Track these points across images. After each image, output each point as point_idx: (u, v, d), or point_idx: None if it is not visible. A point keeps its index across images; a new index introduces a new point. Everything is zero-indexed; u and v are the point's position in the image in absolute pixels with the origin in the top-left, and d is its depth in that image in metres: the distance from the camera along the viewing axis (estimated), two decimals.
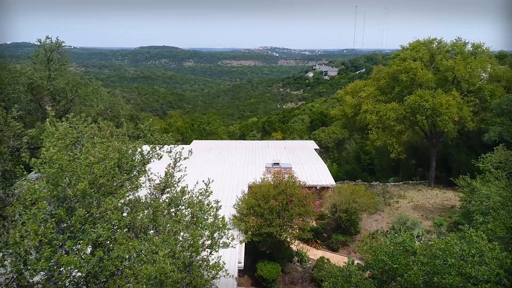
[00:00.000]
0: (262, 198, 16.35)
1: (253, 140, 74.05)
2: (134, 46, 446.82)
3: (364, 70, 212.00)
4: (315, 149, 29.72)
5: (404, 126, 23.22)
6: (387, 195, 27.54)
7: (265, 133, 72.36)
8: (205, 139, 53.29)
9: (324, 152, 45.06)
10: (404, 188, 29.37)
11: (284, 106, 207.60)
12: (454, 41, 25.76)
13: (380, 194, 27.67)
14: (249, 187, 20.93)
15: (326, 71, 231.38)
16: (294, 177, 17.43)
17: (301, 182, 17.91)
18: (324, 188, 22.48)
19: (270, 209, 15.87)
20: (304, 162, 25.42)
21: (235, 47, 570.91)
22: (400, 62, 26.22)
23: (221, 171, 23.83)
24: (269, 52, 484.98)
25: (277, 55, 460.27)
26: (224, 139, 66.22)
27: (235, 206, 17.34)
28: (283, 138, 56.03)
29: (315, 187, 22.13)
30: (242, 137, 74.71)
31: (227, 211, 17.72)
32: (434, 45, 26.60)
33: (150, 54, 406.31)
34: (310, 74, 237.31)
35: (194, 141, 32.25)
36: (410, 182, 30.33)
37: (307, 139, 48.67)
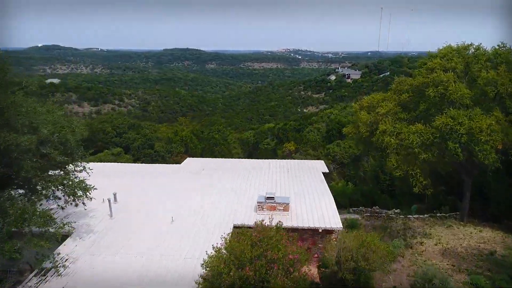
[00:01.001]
0: (236, 261, 12.05)
1: (266, 147, 70.02)
2: (159, 49, 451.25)
3: (388, 73, 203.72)
4: (324, 173, 25.16)
5: (431, 154, 18.29)
6: (409, 232, 22.60)
7: (279, 142, 67.99)
8: (213, 149, 49.52)
9: (338, 168, 40.24)
10: (430, 222, 24.29)
11: (305, 110, 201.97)
12: (497, 47, 20.65)
13: (400, 231, 22.77)
14: (232, 232, 16.66)
15: (349, 74, 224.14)
16: (281, 232, 12.94)
17: (297, 226, 13.37)
18: (328, 232, 17.90)
19: (243, 280, 11.55)
20: (307, 193, 20.96)
21: (257, 49, 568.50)
22: (427, 72, 21.33)
23: (203, 204, 19.61)
24: (292, 54, 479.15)
25: (300, 57, 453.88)
26: (235, 149, 62.37)
27: (203, 265, 13.04)
28: (296, 150, 51.50)
29: (317, 230, 17.63)
30: (256, 144, 70.57)
31: (196, 269, 13.52)
32: (470, 52, 21.55)
33: (173, 56, 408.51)
34: (332, 77, 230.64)
35: (187, 159, 28.37)
36: (438, 214, 25.19)
37: (320, 153, 43.95)
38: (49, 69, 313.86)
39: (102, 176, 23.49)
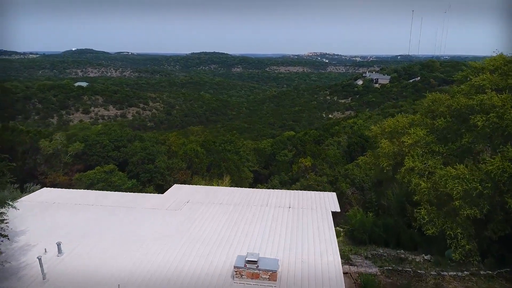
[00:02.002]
0: None
1: (283, 158, 64.85)
2: (186, 52, 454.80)
3: (418, 78, 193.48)
4: (334, 212, 20.03)
5: (479, 210, 12.84)
6: None
7: (297, 153, 62.76)
8: (220, 164, 44.99)
9: (357, 193, 34.70)
10: (472, 284, 18.59)
11: (330, 115, 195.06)
12: None
13: None
14: None
15: (377, 79, 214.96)
16: None
17: None
18: None
19: None
20: (308, 247, 15.96)
21: (284, 53, 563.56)
22: (471, 90, 15.87)
23: (167, 260, 14.82)
24: (319, 58, 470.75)
25: (327, 61, 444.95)
26: (248, 162, 57.62)
27: None
28: (312, 165, 46.22)
29: None
30: (272, 155, 65.63)
31: None
32: None
33: (200, 60, 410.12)
34: (360, 82, 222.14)
35: (174, 187, 23.96)
36: (482, 272, 19.42)
37: (338, 173, 38.49)
38: (81, 72, 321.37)
39: (55, 211, 19.34)
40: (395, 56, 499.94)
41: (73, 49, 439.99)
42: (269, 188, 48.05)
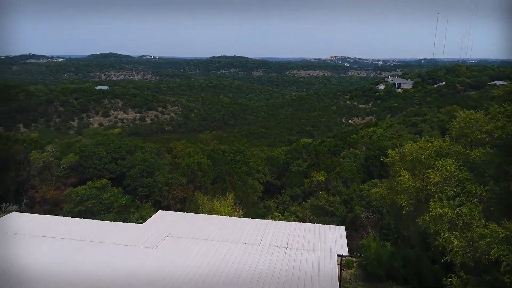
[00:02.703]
0: None
1: (297, 169, 61.03)
2: (207, 56, 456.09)
3: (443, 83, 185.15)
4: (340, 256, 16.43)
5: None
6: None
7: (312, 164, 58.97)
8: (225, 178, 41.75)
9: (374, 217, 30.70)
10: None
11: (350, 121, 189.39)
12: None
13: None
14: None
15: (399, 84, 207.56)
16: None
17: None
18: None
19: None
20: None
21: (305, 56, 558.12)
22: None
23: None
24: (340, 62, 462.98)
25: (348, 65, 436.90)
26: (259, 174, 54.17)
27: None
28: (326, 181, 42.38)
29: None
30: (286, 165, 61.98)
31: None
32: None
33: (220, 64, 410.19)
34: (381, 87, 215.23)
35: (158, 214, 20.87)
36: None
37: (354, 191, 34.56)
38: (104, 75, 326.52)
39: (10, 244, 16.52)
40: (419, 60, 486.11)
41: (98, 53, 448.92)
42: (279, 204, 44.59)
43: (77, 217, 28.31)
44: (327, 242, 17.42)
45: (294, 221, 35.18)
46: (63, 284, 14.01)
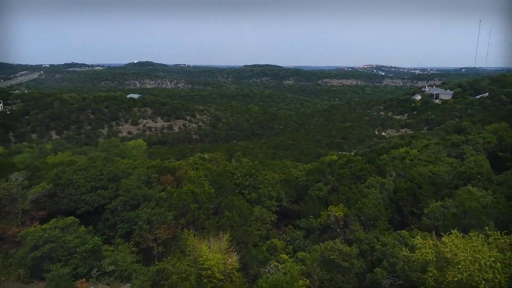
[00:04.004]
0: None
1: (317, 194, 53.65)
2: (239, 65, 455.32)
3: (487, 94, 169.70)
4: None
5: None
6: None
7: (333, 189, 51.53)
8: (222, 212, 35.53)
9: (398, 284, 23.24)
10: None
11: (383, 133, 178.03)
12: None
13: None
14: None
15: (438, 94, 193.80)
16: None
17: None
18: None
19: None
20: None
21: (338, 65, 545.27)
22: None
23: None
24: (374, 70, 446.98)
25: (383, 73, 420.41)
26: (271, 200, 47.48)
27: None
28: (345, 217, 35.31)
29: None
30: (305, 188, 54.85)
31: None
32: None
33: (252, 72, 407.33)
34: (418, 97, 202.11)
35: None
36: None
37: (376, 241, 27.21)
38: (139, 83, 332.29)
39: None
40: (459, 69, 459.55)
41: (135, 61, 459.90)
42: (288, 242, 37.64)
43: (32, 265, 23.06)
44: None
45: (301, 271, 28.39)
46: None
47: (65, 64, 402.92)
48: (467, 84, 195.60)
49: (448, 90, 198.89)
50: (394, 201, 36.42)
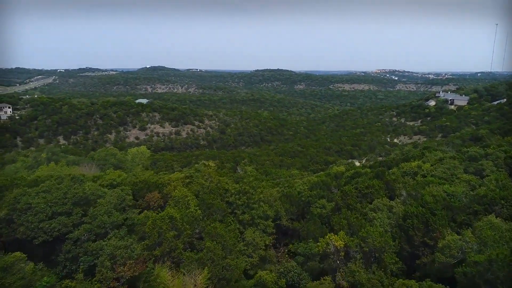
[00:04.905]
0: None
1: (319, 212, 48.89)
2: (250, 69, 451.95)
3: (505, 100, 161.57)
4: None
5: None
6: None
7: (337, 208, 46.57)
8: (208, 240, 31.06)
9: None
10: None
11: (395, 140, 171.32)
12: None
13: None
14: None
15: (453, 100, 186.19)
16: None
17: None
18: None
19: None
20: None
21: (350, 69, 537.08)
22: None
23: None
24: (387, 75, 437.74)
25: (396, 78, 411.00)
26: (267, 221, 42.87)
27: None
28: (346, 247, 30.61)
29: None
30: (307, 205, 50.12)
31: None
32: None
33: (263, 77, 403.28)
34: (432, 103, 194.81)
35: None
36: None
37: (380, 283, 22.49)
38: (150, 88, 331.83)
39: None
40: (475, 73, 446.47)
41: (147, 66, 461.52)
42: (281, 273, 33.01)
43: None
44: None
45: None
46: None
47: (79, 68, 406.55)
48: (484, 89, 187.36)
49: (463, 95, 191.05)
50: (403, 229, 31.44)
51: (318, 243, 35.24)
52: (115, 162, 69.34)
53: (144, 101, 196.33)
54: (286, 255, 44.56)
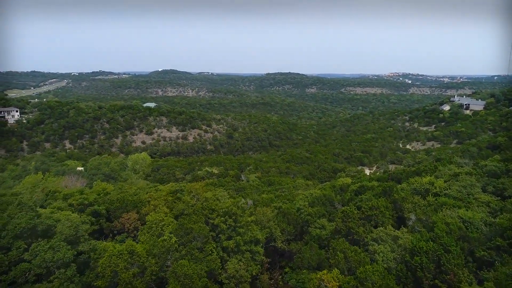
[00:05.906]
0: None
1: (318, 233, 43.87)
2: (262, 73, 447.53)
3: None
4: None
5: None
6: None
7: (338, 230, 41.33)
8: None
9: None
10: None
11: (408, 146, 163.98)
12: None
13: None
14: None
15: (468, 104, 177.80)
16: None
17: None
18: None
19: None
20: None
21: (363, 73, 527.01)
22: None
23: None
24: (400, 78, 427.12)
25: (409, 81, 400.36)
26: (257, 246, 37.90)
27: None
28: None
29: None
30: (306, 224, 45.09)
31: None
32: None
33: (275, 81, 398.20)
34: (446, 107, 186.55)
35: None
36: None
37: None
38: (161, 91, 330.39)
39: None
40: (491, 77, 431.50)
41: (159, 69, 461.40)
42: None
43: None
44: None
45: None
46: None
47: (92, 72, 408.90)
48: (501, 93, 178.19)
49: (479, 100, 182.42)
50: (410, 268, 26.13)
51: (310, 278, 30.24)
52: (107, 172, 65.31)
53: (152, 105, 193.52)
54: (281, 282, 39.83)
